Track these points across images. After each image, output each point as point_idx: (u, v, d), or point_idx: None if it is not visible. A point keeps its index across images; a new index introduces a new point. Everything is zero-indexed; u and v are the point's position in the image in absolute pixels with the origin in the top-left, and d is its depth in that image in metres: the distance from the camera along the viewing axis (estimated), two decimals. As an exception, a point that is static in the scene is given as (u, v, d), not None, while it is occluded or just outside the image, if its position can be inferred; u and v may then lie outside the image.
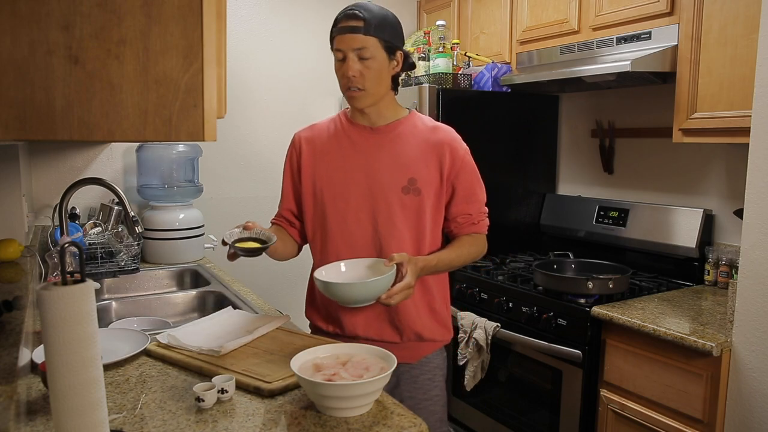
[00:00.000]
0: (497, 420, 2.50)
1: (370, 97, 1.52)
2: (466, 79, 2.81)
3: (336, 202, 1.57)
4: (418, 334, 1.59)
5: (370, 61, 1.47)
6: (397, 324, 1.58)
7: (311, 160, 1.61)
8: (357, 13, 1.46)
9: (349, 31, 1.46)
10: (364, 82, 1.49)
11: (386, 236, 1.55)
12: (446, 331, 1.66)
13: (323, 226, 1.59)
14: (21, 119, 0.76)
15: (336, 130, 1.62)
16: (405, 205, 1.54)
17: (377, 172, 1.55)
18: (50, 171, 2.68)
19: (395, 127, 1.58)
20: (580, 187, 2.96)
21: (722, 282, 2.27)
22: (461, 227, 1.62)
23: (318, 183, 1.59)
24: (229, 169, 3.12)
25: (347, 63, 1.48)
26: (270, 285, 2.96)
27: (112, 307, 2.02)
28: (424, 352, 1.63)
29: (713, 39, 2.00)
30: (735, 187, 2.29)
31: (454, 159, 1.57)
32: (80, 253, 0.90)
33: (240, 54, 3.06)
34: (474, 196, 1.62)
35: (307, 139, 1.64)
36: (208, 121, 0.85)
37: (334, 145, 1.60)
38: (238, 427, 1.09)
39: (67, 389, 0.85)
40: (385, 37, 1.48)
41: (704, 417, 1.78)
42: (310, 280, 1.68)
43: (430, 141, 1.57)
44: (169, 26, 0.81)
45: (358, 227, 1.56)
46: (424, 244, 1.57)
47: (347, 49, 1.47)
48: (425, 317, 1.60)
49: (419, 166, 1.55)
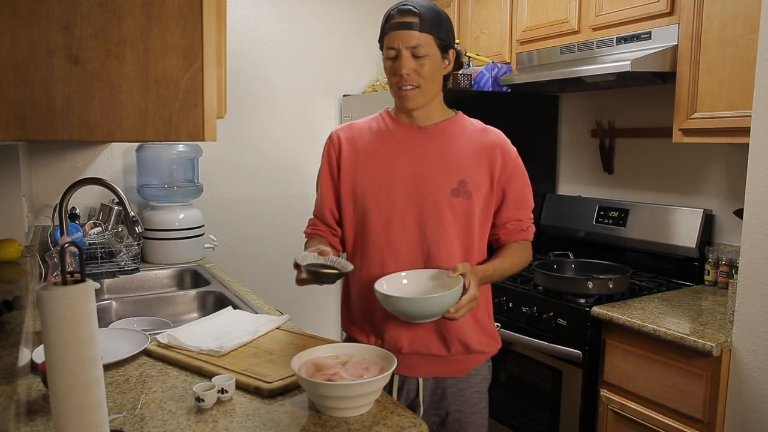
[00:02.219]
0: (497, 420, 2.50)
1: (424, 96, 1.45)
2: (466, 79, 2.80)
3: (380, 205, 1.47)
4: (467, 346, 1.50)
5: (425, 59, 1.40)
6: (444, 335, 1.48)
7: (353, 160, 1.51)
8: (413, 9, 1.39)
9: (404, 28, 1.39)
10: (419, 80, 1.42)
11: (435, 241, 1.46)
12: (493, 342, 1.58)
13: (364, 230, 1.49)
14: (21, 119, 0.76)
15: (380, 129, 1.53)
16: (455, 208, 1.45)
17: (426, 173, 1.46)
18: (50, 171, 2.68)
19: (444, 128, 1.50)
20: (580, 187, 2.95)
21: (722, 282, 2.27)
22: (510, 234, 1.55)
23: (360, 185, 1.49)
24: (229, 169, 3.12)
25: (401, 60, 1.40)
26: (270, 285, 2.96)
27: (112, 307, 2.02)
28: (472, 365, 1.55)
29: (713, 39, 2.00)
30: (735, 187, 2.29)
31: (506, 162, 1.50)
32: (80, 253, 0.91)
33: (240, 54, 3.06)
34: (525, 201, 1.55)
35: (348, 139, 1.54)
36: (208, 121, 0.85)
37: (378, 144, 1.51)
38: (238, 427, 1.09)
39: (67, 389, 0.85)
40: (440, 35, 1.42)
41: (704, 417, 1.78)
42: (344, 288, 1.59)
43: (481, 143, 1.50)
44: (169, 26, 0.81)
45: (404, 231, 1.46)
46: (473, 251, 1.50)
47: (402, 46, 1.39)
48: (472, 328, 1.51)
49: (470, 168, 1.47)
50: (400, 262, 1.46)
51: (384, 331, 1.49)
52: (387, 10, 1.45)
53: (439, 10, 1.44)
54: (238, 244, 3.17)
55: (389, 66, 1.44)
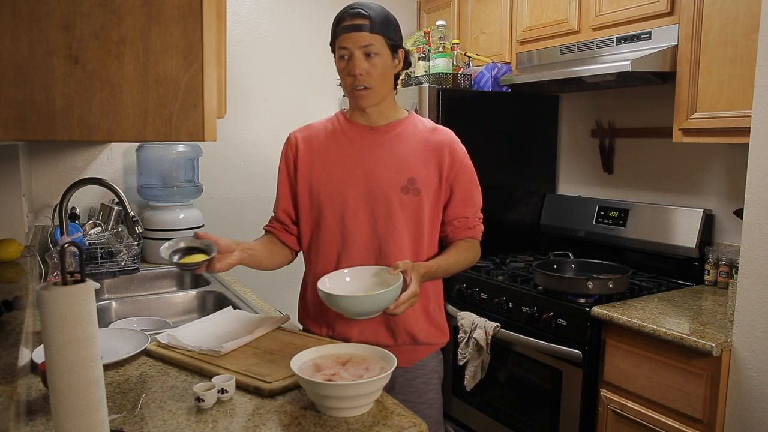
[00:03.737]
0: (497, 420, 2.50)
1: (376, 95, 1.51)
2: (466, 79, 2.81)
3: (333, 202, 1.54)
4: (413, 337, 1.57)
5: (376, 59, 1.47)
6: (392, 327, 1.56)
7: (308, 159, 1.59)
8: (362, 12, 1.45)
9: (355, 30, 1.45)
10: (370, 81, 1.48)
11: (386, 237, 1.52)
12: (442, 334, 1.64)
13: (319, 227, 1.56)
14: (21, 119, 0.76)
15: (334, 130, 1.60)
16: (404, 204, 1.52)
17: (376, 172, 1.53)
18: (50, 171, 2.68)
19: (395, 127, 1.57)
20: (580, 187, 2.96)
21: (722, 282, 2.27)
22: (457, 231, 1.60)
23: (315, 183, 1.57)
24: (229, 169, 3.12)
25: (353, 61, 1.46)
26: (270, 285, 2.95)
27: (112, 307, 2.02)
28: (419, 356, 1.61)
29: (713, 39, 2.00)
30: (735, 187, 2.29)
31: (454, 160, 1.56)
32: (80, 253, 0.91)
33: (240, 54, 3.06)
34: (471, 199, 1.61)
35: (304, 139, 1.61)
36: (208, 121, 0.85)
37: (332, 144, 1.58)
38: (238, 427, 1.09)
39: (67, 389, 0.85)
40: (390, 35, 1.48)
41: (704, 417, 1.78)
42: (302, 283, 1.67)
43: (430, 141, 1.56)
44: (169, 26, 0.81)
45: (357, 228, 1.53)
46: (422, 247, 1.56)
47: (353, 47, 1.45)
48: (421, 320, 1.58)
49: (419, 166, 1.54)
50: (352, 257, 1.53)
51: (335, 323, 1.57)
52: (337, 14, 1.50)
53: (387, 12, 1.51)
54: (238, 244, 3.16)
55: (342, 67, 1.50)
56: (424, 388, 1.62)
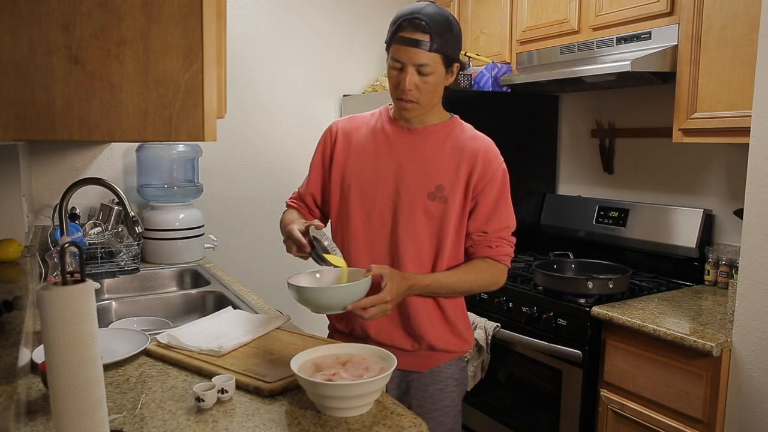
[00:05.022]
0: (497, 420, 2.50)
1: (422, 109, 1.48)
2: (466, 79, 2.81)
3: (363, 199, 1.52)
4: (430, 344, 1.54)
5: (430, 77, 1.42)
6: (409, 330, 1.53)
7: (345, 152, 1.56)
8: (424, 24, 1.38)
9: (413, 45, 1.39)
10: (419, 97, 1.44)
11: (405, 240, 1.49)
12: (462, 342, 1.59)
13: (347, 221, 1.54)
14: (21, 119, 0.76)
15: (375, 126, 1.57)
16: (429, 211, 1.48)
17: (407, 175, 1.49)
18: (50, 171, 2.68)
19: (434, 131, 1.53)
20: (580, 187, 2.96)
21: (722, 282, 2.27)
22: (476, 247, 1.52)
23: (347, 177, 1.54)
24: (229, 169, 3.12)
25: (405, 75, 1.41)
26: (270, 285, 2.95)
27: (112, 307, 2.02)
28: (435, 362, 1.57)
29: (713, 39, 2.00)
30: (735, 187, 2.29)
31: (485, 171, 1.49)
32: (80, 253, 0.90)
33: (240, 54, 3.06)
34: (496, 215, 1.51)
35: (345, 131, 1.58)
36: (208, 121, 0.85)
37: (370, 140, 1.55)
38: (238, 427, 1.09)
39: (67, 389, 0.85)
40: (448, 53, 1.42)
41: (704, 417, 1.78)
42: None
43: (466, 149, 1.51)
44: (169, 26, 0.81)
45: (381, 227, 1.51)
46: (443, 255, 1.50)
47: (408, 62, 1.40)
48: (438, 327, 1.54)
49: (449, 174, 1.49)
50: (374, 256, 1.51)
51: (353, 319, 1.54)
52: (398, 15, 1.42)
53: (451, 21, 1.43)
54: (238, 244, 3.17)
55: (393, 76, 1.45)
56: (440, 394, 1.58)
